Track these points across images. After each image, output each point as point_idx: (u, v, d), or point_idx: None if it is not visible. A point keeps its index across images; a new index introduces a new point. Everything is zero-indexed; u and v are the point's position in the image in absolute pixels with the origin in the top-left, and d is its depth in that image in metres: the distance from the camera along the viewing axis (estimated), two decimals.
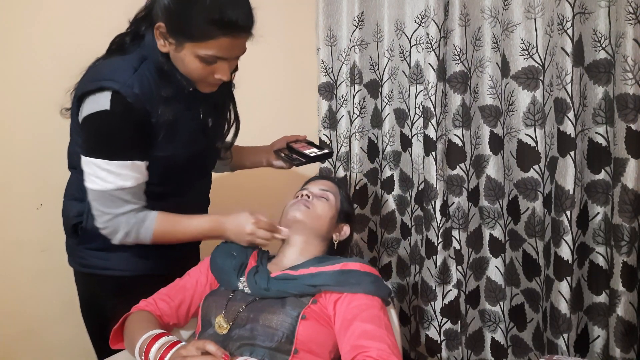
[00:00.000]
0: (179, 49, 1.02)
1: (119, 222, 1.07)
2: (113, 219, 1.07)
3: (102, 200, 1.06)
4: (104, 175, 1.04)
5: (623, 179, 1.38)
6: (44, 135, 1.43)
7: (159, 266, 1.23)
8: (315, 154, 1.29)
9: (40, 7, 1.41)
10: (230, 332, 1.02)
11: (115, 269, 1.19)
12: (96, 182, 1.05)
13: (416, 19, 1.78)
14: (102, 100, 1.02)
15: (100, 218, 1.07)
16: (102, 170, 1.04)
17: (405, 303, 1.94)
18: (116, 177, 1.04)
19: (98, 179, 1.05)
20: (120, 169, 1.04)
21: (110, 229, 1.08)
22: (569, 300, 1.47)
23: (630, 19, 1.32)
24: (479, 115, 1.70)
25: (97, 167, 1.04)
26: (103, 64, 1.11)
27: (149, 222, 1.10)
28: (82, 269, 1.22)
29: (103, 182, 1.04)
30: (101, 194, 1.05)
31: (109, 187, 1.04)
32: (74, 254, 1.23)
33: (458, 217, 1.73)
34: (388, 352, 0.91)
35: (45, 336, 1.48)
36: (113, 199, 1.06)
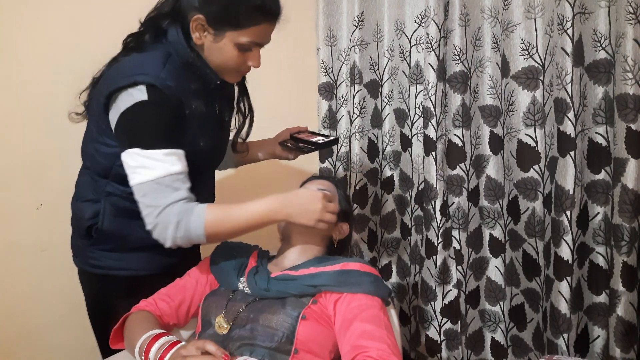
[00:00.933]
0: (219, 38, 1.06)
1: (169, 213, 1.00)
2: (163, 211, 1.00)
3: (151, 193, 1.00)
4: (151, 164, 1.00)
5: (623, 179, 1.38)
6: (43, 136, 1.43)
7: (170, 264, 1.23)
8: (323, 140, 1.29)
9: (41, 8, 1.41)
10: (231, 332, 1.02)
11: (129, 269, 1.18)
12: (143, 173, 1.00)
13: (416, 19, 1.78)
14: (137, 93, 1.01)
15: (150, 216, 1.01)
16: (146, 159, 1.00)
17: (405, 303, 1.94)
18: (163, 163, 1.00)
19: (145, 169, 1.00)
20: (165, 157, 1.01)
21: (161, 224, 1.01)
22: (569, 300, 1.47)
23: (630, 19, 1.32)
24: (479, 115, 1.70)
25: (141, 157, 1.00)
26: (128, 61, 1.09)
27: (199, 210, 1.02)
28: (93, 270, 1.20)
29: (150, 171, 1.00)
30: (149, 185, 1.00)
31: (157, 175, 1.00)
32: (83, 255, 1.21)
33: (458, 217, 1.73)
34: (388, 352, 0.91)
35: (44, 336, 1.48)
36: (161, 188, 1.00)
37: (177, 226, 1.01)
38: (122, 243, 1.15)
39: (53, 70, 1.40)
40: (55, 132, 1.43)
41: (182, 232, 1.01)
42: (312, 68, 1.94)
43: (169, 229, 1.01)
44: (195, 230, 1.01)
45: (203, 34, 1.06)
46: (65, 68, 1.25)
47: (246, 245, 1.24)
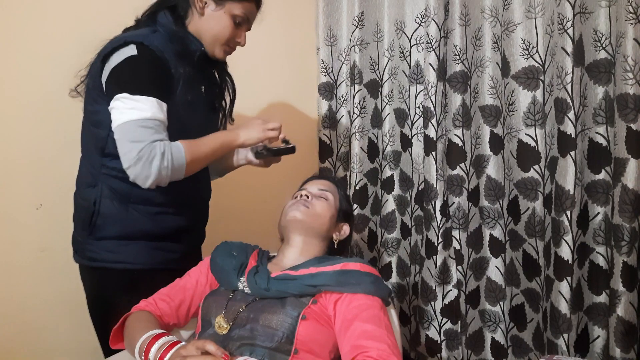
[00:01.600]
0: (219, 8, 1.22)
1: (155, 146, 1.07)
2: (147, 146, 1.06)
3: (137, 131, 1.06)
4: (139, 106, 1.07)
5: (623, 179, 1.38)
6: (44, 135, 1.43)
7: (168, 260, 1.24)
8: (276, 148, 1.35)
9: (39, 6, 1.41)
10: (230, 332, 1.02)
11: (125, 262, 1.19)
12: (130, 113, 1.07)
13: (416, 19, 1.78)
14: (127, 50, 1.11)
15: (133, 151, 1.06)
16: (135, 102, 1.07)
17: (405, 303, 1.94)
18: (150, 107, 1.08)
19: (132, 110, 1.07)
20: (152, 104, 1.09)
21: (146, 156, 1.06)
22: (569, 300, 1.46)
23: (631, 18, 1.32)
24: (479, 115, 1.70)
25: (131, 100, 1.07)
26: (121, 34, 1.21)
27: (177, 143, 1.11)
28: (91, 264, 1.22)
29: (138, 111, 1.07)
30: (135, 124, 1.06)
31: (145, 116, 1.07)
32: (82, 249, 1.23)
33: (458, 217, 1.73)
34: (388, 352, 0.91)
35: (44, 336, 1.48)
36: (147, 128, 1.07)
37: (162, 156, 1.07)
38: (119, 230, 1.17)
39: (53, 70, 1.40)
40: (56, 132, 1.43)
41: (166, 162, 1.08)
42: (312, 68, 1.94)
43: (155, 161, 1.06)
44: (178, 159, 1.10)
45: (205, 5, 1.21)
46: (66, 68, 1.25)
47: (246, 245, 1.24)
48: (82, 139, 1.24)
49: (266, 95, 1.84)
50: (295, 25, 1.90)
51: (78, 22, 1.46)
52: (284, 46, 1.87)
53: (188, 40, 1.22)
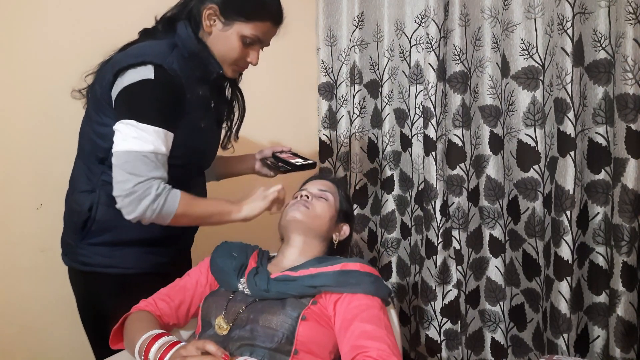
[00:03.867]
0: (227, 28, 1.15)
1: (151, 185, 1.04)
2: (145, 182, 1.03)
3: (135, 163, 1.04)
4: (143, 136, 1.04)
5: (623, 179, 1.38)
6: (43, 135, 1.43)
7: (159, 264, 1.23)
8: (300, 163, 1.34)
9: (41, 5, 1.41)
10: (230, 333, 1.02)
11: (118, 267, 1.18)
12: (133, 142, 1.04)
13: (416, 19, 1.78)
14: (144, 71, 1.07)
15: (129, 182, 1.03)
16: (140, 131, 1.04)
17: (405, 303, 1.94)
18: (154, 140, 1.05)
19: (135, 139, 1.03)
20: (157, 135, 1.06)
21: (139, 192, 1.03)
22: (569, 300, 1.47)
23: (630, 19, 1.32)
24: (479, 115, 1.70)
25: (136, 128, 1.04)
26: (137, 46, 1.16)
27: (176, 191, 1.08)
28: (82, 268, 1.20)
29: (141, 142, 1.04)
30: (136, 156, 1.04)
31: (147, 149, 1.04)
32: (73, 252, 1.21)
33: (458, 217, 1.73)
34: (388, 352, 0.91)
35: (44, 336, 1.48)
36: (147, 162, 1.04)
37: (154, 199, 1.04)
38: (113, 236, 1.16)
39: (53, 70, 1.40)
40: (56, 133, 1.43)
41: (156, 206, 1.05)
42: (312, 68, 1.94)
43: (144, 200, 1.04)
44: (169, 208, 1.06)
45: (213, 23, 1.15)
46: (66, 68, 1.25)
47: (246, 246, 1.24)
48: (81, 141, 1.22)
49: (266, 95, 1.83)
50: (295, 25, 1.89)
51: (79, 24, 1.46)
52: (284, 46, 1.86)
53: (210, 65, 1.17)
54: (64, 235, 1.25)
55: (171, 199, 1.06)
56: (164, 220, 1.08)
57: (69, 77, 1.23)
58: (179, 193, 1.08)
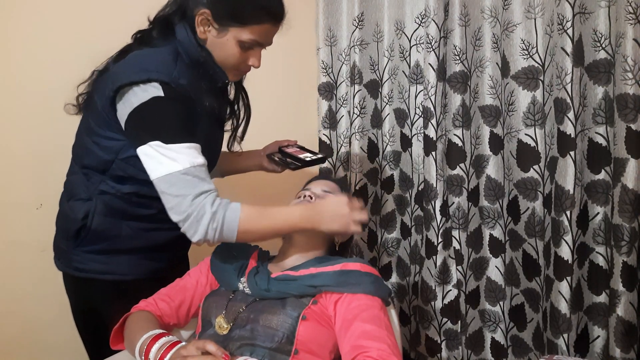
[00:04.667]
0: (222, 34, 1.07)
1: (204, 202, 0.97)
2: (195, 199, 0.97)
3: (178, 183, 0.97)
4: (174, 156, 0.98)
5: (623, 179, 1.38)
6: (43, 135, 1.43)
7: (155, 269, 1.22)
8: (310, 158, 1.30)
9: (40, 6, 1.41)
10: (231, 333, 1.02)
11: (115, 274, 1.16)
12: (167, 164, 0.97)
13: (416, 19, 1.78)
14: (152, 89, 1.01)
15: (181, 206, 0.97)
16: (170, 151, 0.98)
17: (405, 303, 1.94)
18: (187, 156, 0.99)
19: (170, 161, 0.97)
20: (187, 150, 1.00)
21: (195, 213, 0.97)
22: (569, 300, 1.47)
23: (630, 19, 1.32)
24: (479, 115, 1.70)
25: (165, 149, 0.98)
26: (138, 56, 1.09)
27: (235, 205, 1.00)
28: (77, 274, 1.18)
29: (176, 163, 0.97)
30: (176, 176, 0.97)
31: (183, 166, 0.97)
32: (67, 258, 1.18)
33: (458, 217, 1.73)
34: (388, 352, 0.91)
35: (44, 336, 1.48)
36: (188, 178, 0.97)
37: (212, 217, 0.97)
38: (109, 244, 1.13)
39: (53, 70, 1.40)
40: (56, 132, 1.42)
41: (216, 224, 0.98)
42: (312, 68, 1.94)
43: (203, 219, 0.97)
44: (230, 224, 0.99)
45: (207, 29, 1.08)
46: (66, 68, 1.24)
47: (246, 246, 1.24)
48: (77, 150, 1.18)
49: (266, 95, 1.83)
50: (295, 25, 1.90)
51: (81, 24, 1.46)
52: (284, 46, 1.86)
53: (215, 74, 1.12)
54: (56, 239, 1.23)
55: (230, 215, 0.99)
56: (229, 239, 1.01)
57: (69, 78, 1.23)
58: (239, 206, 1.00)
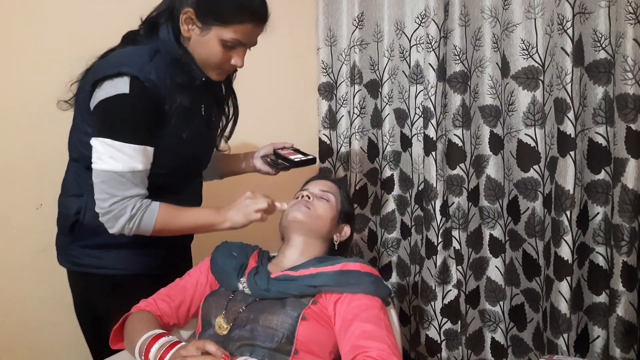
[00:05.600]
0: (205, 33, 1.09)
1: (126, 205, 1.05)
2: (120, 202, 1.05)
3: (111, 182, 1.05)
4: (118, 156, 1.04)
5: (623, 179, 1.38)
6: (43, 135, 1.43)
7: (152, 266, 1.23)
8: (299, 159, 1.31)
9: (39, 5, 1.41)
10: (231, 333, 1.02)
11: (109, 268, 1.18)
12: (108, 162, 1.04)
13: (416, 19, 1.78)
14: (120, 84, 1.05)
15: (106, 201, 1.05)
16: (116, 150, 1.04)
17: (405, 303, 1.94)
18: (129, 158, 1.05)
19: (111, 159, 1.04)
20: (133, 152, 1.05)
21: (115, 212, 1.05)
22: (569, 300, 1.47)
23: (630, 19, 1.32)
24: (479, 115, 1.70)
25: (111, 147, 1.04)
26: (117, 53, 1.14)
27: (154, 207, 1.08)
28: (75, 268, 1.21)
29: (115, 162, 1.04)
30: (111, 175, 1.04)
31: (120, 168, 1.04)
32: (66, 253, 1.22)
33: (458, 217, 1.73)
34: (388, 352, 0.91)
35: (44, 335, 1.48)
36: (122, 182, 1.05)
37: (130, 219, 1.06)
38: (103, 239, 1.15)
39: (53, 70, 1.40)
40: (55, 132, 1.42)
41: (132, 225, 1.07)
42: (312, 68, 1.94)
43: (120, 219, 1.06)
44: (146, 225, 1.08)
45: (191, 27, 1.10)
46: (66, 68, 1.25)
47: (246, 246, 1.24)
48: (70, 146, 1.21)
49: (266, 95, 1.84)
50: (295, 25, 1.90)
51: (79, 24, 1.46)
52: (284, 46, 1.87)
53: (192, 71, 1.13)
54: (57, 236, 1.26)
55: (147, 217, 1.07)
56: (145, 233, 1.09)
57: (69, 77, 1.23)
58: (157, 209, 1.08)
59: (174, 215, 1.11)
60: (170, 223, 1.11)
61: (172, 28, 1.11)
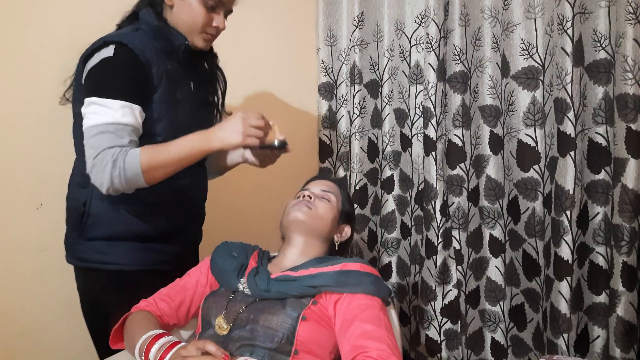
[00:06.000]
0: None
1: (106, 154, 1.04)
2: (100, 153, 1.04)
3: (96, 136, 1.05)
4: (102, 111, 1.05)
5: (623, 179, 1.38)
6: (43, 135, 1.42)
7: (158, 261, 1.23)
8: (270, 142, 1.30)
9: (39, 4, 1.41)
10: (231, 333, 1.02)
11: (114, 263, 1.18)
12: (92, 118, 1.06)
13: (416, 19, 1.78)
14: (105, 51, 1.09)
15: (90, 158, 1.05)
16: (100, 106, 1.06)
17: (405, 303, 1.94)
18: (115, 112, 1.06)
19: (96, 115, 1.05)
20: (119, 107, 1.06)
21: (98, 164, 1.04)
22: (569, 300, 1.47)
23: (630, 19, 1.32)
24: (479, 115, 1.70)
25: (96, 104, 1.06)
26: None
27: (134, 150, 1.06)
28: (81, 264, 1.22)
29: (101, 117, 1.05)
30: (95, 129, 1.05)
31: (105, 121, 1.05)
32: (73, 249, 1.23)
33: (458, 217, 1.73)
34: (388, 353, 0.91)
35: (44, 336, 1.48)
36: (106, 134, 1.05)
37: (113, 165, 1.03)
38: (108, 229, 1.16)
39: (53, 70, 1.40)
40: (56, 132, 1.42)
41: (118, 170, 1.04)
42: (312, 68, 1.94)
43: (105, 169, 1.04)
44: (131, 166, 1.04)
45: None
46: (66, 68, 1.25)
47: (246, 246, 1.24)
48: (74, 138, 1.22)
49: (266, 95, 1.84)
50: (295, 25, 1.90)
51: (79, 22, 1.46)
52: (284, 46, 1.87)
53: (172, 36, 1.18)
54: (66, 234, 1.26)
55: (130, 159, 1.04)
56: (137, 181, 1.06)
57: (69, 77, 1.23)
58: (138, 150, 1.06)
59: (158, 151, 1.08)
60: (156, 158, 1.07)
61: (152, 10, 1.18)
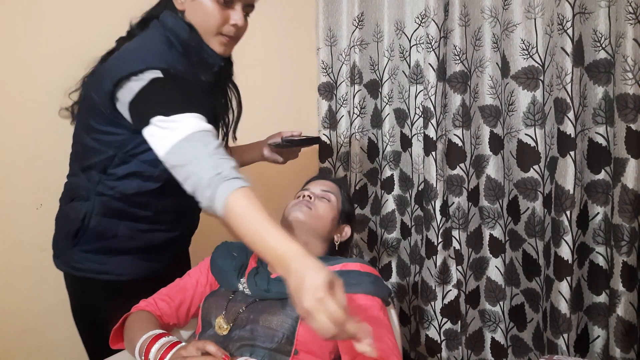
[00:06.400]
0: None
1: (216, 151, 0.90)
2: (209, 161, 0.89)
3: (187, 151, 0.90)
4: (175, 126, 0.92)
5: (623, 179, 1.38)
6: (44, 135, 1.42)
7: (153, 270, 1.21)
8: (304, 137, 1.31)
9: (40, 7, 1.41)
10: (231, 333, 1.02)
11: (111, 274, 1.16)
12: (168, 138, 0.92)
13: (416, 19, 1.78)
14: (150, 74, 0.99)
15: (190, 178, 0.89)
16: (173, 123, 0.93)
17: (405, 303, 1.95)
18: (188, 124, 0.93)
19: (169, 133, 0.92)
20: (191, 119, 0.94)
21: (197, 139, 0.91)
22: (569, 300, 1.47)
23: (630, 19, 1.32)
24: (479, 115, 1.70)
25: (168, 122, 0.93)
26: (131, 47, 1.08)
27: (235, 184, 0.88)
28: (75, 273, 1.18)
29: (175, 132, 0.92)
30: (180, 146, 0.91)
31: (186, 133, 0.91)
32: (65, 257, 1.19)
33: (458, 217, 1.73)
34: (388, 353, 0.91)
35: (44, 335, 1.48)
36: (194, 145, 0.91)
37: (213, 170, 0.88)
38: (106, 244, 1.13)
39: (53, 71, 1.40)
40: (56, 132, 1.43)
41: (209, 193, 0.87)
42: (312, 68, 1.94)
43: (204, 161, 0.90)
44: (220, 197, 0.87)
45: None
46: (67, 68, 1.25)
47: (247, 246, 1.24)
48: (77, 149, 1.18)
49: (266, 95, 1.84)
50: (295, 25, 1.90)
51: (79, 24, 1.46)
52: (284, 46, 1.87)
53: (205, 53, 1.09)
54: (55, 238, 1.23)
55: (227, 188, 0.87)
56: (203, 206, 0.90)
57: (69, 77, 1.23)
58: (241, 190, 0.88)
59: (248, 212, 0.89)
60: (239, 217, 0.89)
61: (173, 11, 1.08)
